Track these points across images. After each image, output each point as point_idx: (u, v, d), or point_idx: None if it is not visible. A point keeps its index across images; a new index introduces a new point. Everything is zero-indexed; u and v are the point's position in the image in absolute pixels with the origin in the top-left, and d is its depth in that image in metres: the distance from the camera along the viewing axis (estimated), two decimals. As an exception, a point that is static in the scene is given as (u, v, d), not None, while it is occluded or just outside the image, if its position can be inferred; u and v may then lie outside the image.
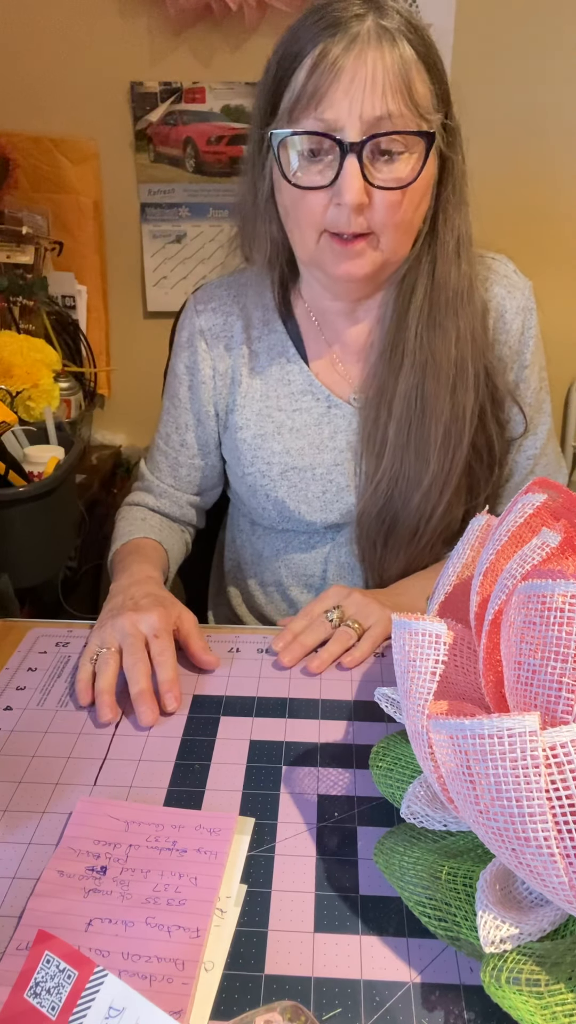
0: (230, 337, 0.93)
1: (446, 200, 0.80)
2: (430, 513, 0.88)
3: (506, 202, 1.59)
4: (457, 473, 0.86)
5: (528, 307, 0.90)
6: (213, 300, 0.95)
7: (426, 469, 0.85)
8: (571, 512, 0.56)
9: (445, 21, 1.48)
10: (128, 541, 0.94)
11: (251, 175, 0.83)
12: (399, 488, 0.87)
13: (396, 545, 0.91)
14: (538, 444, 0.94)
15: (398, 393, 0.85)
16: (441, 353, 0.83)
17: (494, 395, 0.88)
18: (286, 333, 0.92)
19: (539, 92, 1.54)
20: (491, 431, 0.88)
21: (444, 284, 0.82)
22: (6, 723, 0.69)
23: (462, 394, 0.84)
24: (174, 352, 0.99)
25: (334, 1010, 0.46)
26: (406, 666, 0.48)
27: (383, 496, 0.88)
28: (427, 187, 0.78)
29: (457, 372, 0.83)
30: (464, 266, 0.82)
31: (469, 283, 0.83)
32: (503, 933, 0.43)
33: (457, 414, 0.84)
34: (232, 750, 0.65)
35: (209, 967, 0.48)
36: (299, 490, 0.92)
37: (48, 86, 1.55)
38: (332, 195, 0.74)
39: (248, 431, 0.93)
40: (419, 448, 0.85)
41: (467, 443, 0.85)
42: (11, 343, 1.20)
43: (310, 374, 0.91)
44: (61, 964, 0.45)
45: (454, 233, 0.81)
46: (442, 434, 0.84)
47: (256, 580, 1.03)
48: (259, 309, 0.93)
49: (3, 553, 0.98)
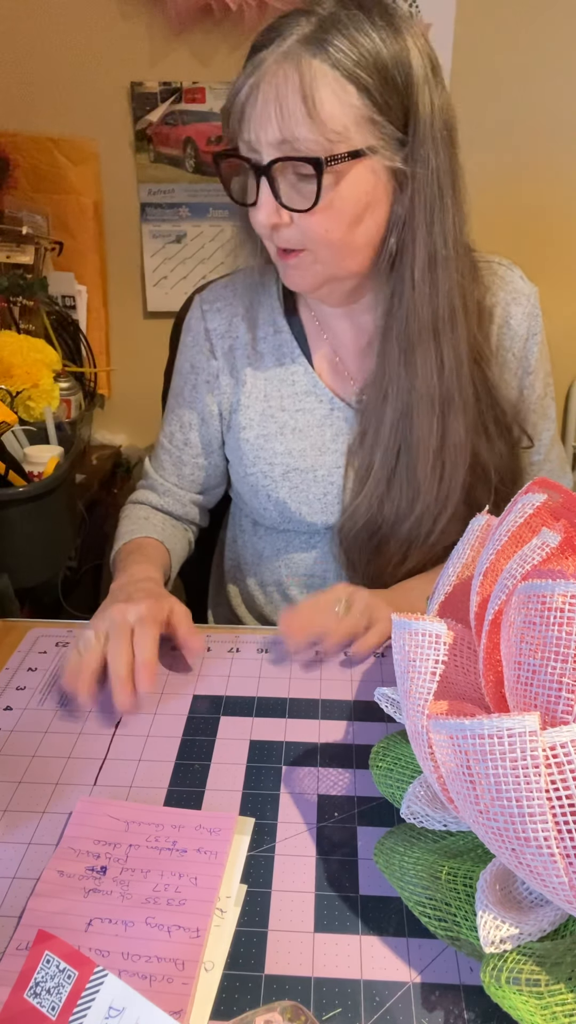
0: (235, 337, 0.94)
1: (406, 216, 0.75)
2: (423, 538, 0.87)
3: (507, 201, 1.60)
4: (454, 502, 0.84)
5: (534, 313, 0.89)
6: (219, 300, 0.95)
7: (417, 499, 0.84)
8: (571, 512, 0.56)
9: (445, 21, 1.48)
10: (130, 540, 0.94)
11: None
12: (384, 513, 0.86)
13: (383, 561, 0.91)
14: (542, 450, 0.94)
15: (385, 422, 0.84)
16: (423, 384, 0.80)
17: (498, 418, 0.86)
18: (290, 334, 0.92)
19: (539, 92, 1.54)
20: (500, 451, 0.86)
21: (418, 311, 0.78)
22: (6, 723, 0.69)
23: (453, 422, 0.81)
24: (179, 351, 0.99)
25: (334, 1010, 0.46)
26: (406, 666, 0.48)
27: (363, 516, 0.87)
28: (362, 205, 0.74)
29: (445, 402, 0.81)
30: (443, 288, 0.77)
31: (450, 310, 0.78)
32: (503, 933, 0.43)
33: (448, 443, 0.82)
34: (232, 750, 0.65)
35: (209, 967, 0.48)
36: (300, 491, 0.92)
37: (48, 86, 1.55)
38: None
39: (251, 431, 0.93)
40: (409, 478, 0.84)
41: (463, 471, 0.83)
42: (11, 343, 1.20)
43: (314, 375, 0.91)
44: (61, 964, 0.45)
45: (422, 252, 0.76)
46: (431, 465, 0.82)
47: (256, 579, 1.03)
48: (264, 310, 0.93)
49: (3, 553, 0.98)
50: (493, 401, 0.85)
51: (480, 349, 0.84)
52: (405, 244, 0.77)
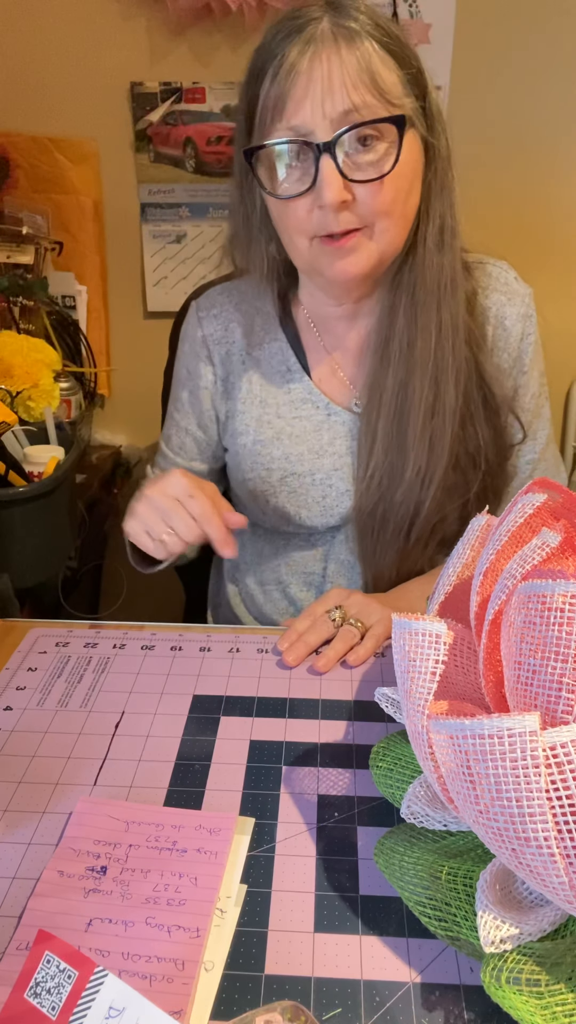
0: (231, 343, 0.94)
1: (428, 186, 0.79)
2: (415, 508, 0.87)
3: (505, 202, 1.59)
4: (441, 468, 0.85)
5: (528, 314, 0.89)
6: (215, 307, 0.95)
7: (408, 462, 0.85)
8: (571, 512, 0.56)
9: (445, 21, 1.48)
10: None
11: (240, 198, 0.84)
12: (386, 482, 0.87)
13: (388, 541, 0.91)
14: (537, 449, 0.94)
15: (387, 387, 0.85)
16: (423, 345, 0.82)
17: (487, 399, 0.87)
18: (286, 341, 0.92)
19: (539, 92, 1.54)
20: (482, 434, 0.87)
21: (426, 276, 0.81)
22: (6, 723, 0.69)
23: (444, 387, 0.83)
24: (177, 357, 1.00)
25: (334, 1010, 0.46)
26: (406, 666, 0.48)
27: (376, 491, 0.88)
28: (413, 174, 0.76)
29: (439, 365, 0.83)
30: (448, 255, 0.81)
31: (452, 274, 0.81)
32: (503, 933, 0.43)
33: (439, 408, 0.83)
34: (232, 750, 0.65)
35: (209, 967, 0.48)
36: (299, 495, 0.92)
37: (48, 86, 1.55)
38: (314, 198, 0.74)
39: (248, 437, 0.93)
40: (401, 441, 0.85)
41: (451, 438, 0.84)
42: (11, 343, 1.20)
43: (310, 383, 0.92)
44: (61, 964, 0.45)
45: (437, 221, 0.80)
46: (421, 427, 0.84)
47: (256, 579, 1.04)
48: (260, 316, 0.94)
49: (3, 553, 0.98)
50: (481, 381, 0.86)
51: (471, 330, 0.85)
52: (420, 215, 0.80)
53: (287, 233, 0.79)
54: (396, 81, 0.73)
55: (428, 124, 0.76)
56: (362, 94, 0.70)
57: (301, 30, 0.71)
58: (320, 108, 0.70)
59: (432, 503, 0.87)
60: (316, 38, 0.70)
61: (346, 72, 0.70)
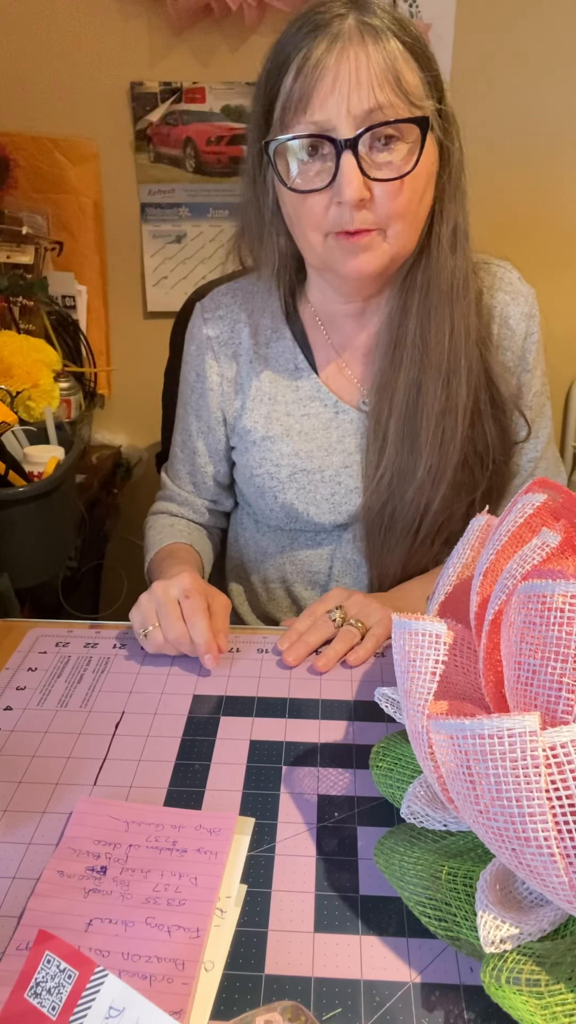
0: (238, 344, 0.94)
1: (442, 189, 0.79)
2: (425, 507, 0.88)
3: (506, 201, 1.59)
4: (451, 467, 0.86)
5: (531, 314, 0.90)
6: (220, 308, 0.95)
7: (419, 462, 0.85)
8: (571, 512, 0.56)
9: (445, 21, 1.48)
10: (161, 548, 0.95)
11: (253, 191, 0.83)
12: (396, 482, 0.87)
13: (396, 540, 0.91)
14: (539, 447, 0.94)
15: (398, 388, 0.85)
16: (436, 347, 0.83)
17: (493, 397, 0.87)
18: (293, 340, 0.92)
19: (539, 92, 1.54)
20: (489, 432, 0.88)
21: (440, 277, 0.81)
22: (6, 723, 0.69)
23: (456, 387, 0.84)
24: (183, 360, 1.00)
25: (334, 1010, 0.46)
26: (406, 666, 0.48)
27: (385, 491, 0.88)
28: (429, 176, 0.77)
29: (451, 366, 0.83)
30: (460, 258, 0.81)
31: (464, 276, 0.82)
32: (503, 933, 0.43)
33: (450, 407, 0.84)
34: (232, 750, 0.65)
35: (209, 967, 0.48)
36: (308, 492, 0.92)
37: (48, 86, 1.55)
38: (332, 195, 0.74)
39: (257, 434, 0.93)
40: (413, 441, 0.85)
41: (461, 438, 0.85)
42: (11, 343, 1.20)
43: (318, 381, 0.92)
44: (61, 964, 0.45)
45: (450, 223, 0.80)
46: (434, 427, 0.84)
47: (259, 577, 1.04)
48: (266, 316, 0.94)
49: (3, 553, 0.98)
50: (489, 379, 0.87)
51: (479, 330, 0.86)
52: (434, 217, 0.80)
53: (301, 228, 0.79)
54: (418, 82, 0.73)
55: (444, 127, 0.77)
56: (387, 93, 0.70)
57: (327, 25, 0.71)
58: (345, 104, 0.70)
59: (441, 502, 0.87)
60: (343, 34, 0.70)
61: (372, 70, 0.70)
